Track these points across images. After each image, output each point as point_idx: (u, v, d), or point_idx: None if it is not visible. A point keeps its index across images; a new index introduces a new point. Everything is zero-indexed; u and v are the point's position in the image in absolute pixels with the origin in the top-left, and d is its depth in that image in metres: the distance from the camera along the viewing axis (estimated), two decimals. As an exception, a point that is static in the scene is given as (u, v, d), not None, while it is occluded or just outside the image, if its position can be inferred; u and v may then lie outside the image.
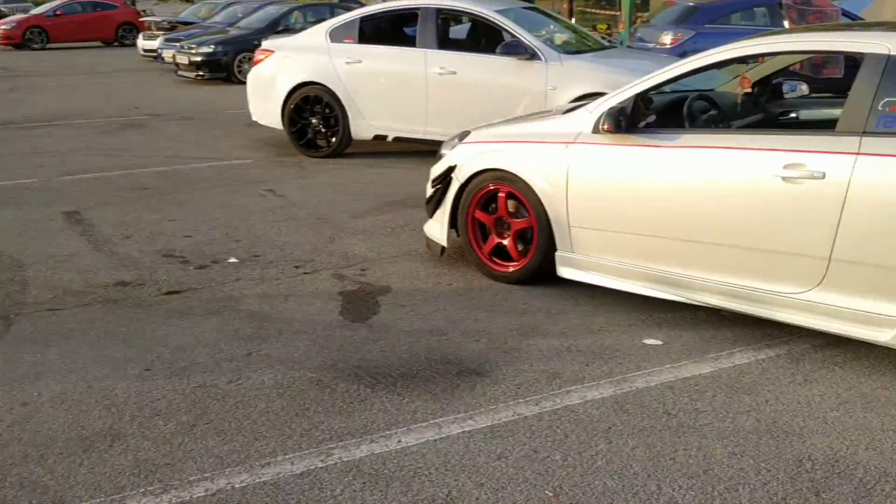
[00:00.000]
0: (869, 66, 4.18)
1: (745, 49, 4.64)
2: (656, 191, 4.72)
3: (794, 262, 4.34)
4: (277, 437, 3.67)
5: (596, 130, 4.91)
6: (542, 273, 5.38)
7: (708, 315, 4.93)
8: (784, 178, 4.27)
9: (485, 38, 9.78)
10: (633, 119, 4.85)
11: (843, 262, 4.18)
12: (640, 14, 18.06)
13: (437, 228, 5.82)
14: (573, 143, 5.04)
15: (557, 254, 5.25)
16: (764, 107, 5.96)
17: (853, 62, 4.51)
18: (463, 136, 5.74)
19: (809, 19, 12.83)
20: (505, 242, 5.52)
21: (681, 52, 12.35)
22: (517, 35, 8.73)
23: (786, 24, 12.63)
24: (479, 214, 5.59)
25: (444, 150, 5.86)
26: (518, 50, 8.60)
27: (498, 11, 8.97)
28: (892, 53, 4.13)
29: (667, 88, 5.19)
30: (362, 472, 3.40)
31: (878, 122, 4.09)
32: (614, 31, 16.60)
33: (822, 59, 12.55)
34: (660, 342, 4.61)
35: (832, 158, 4.15)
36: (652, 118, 5.00)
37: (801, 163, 4.23)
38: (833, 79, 10.79)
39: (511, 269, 5.50)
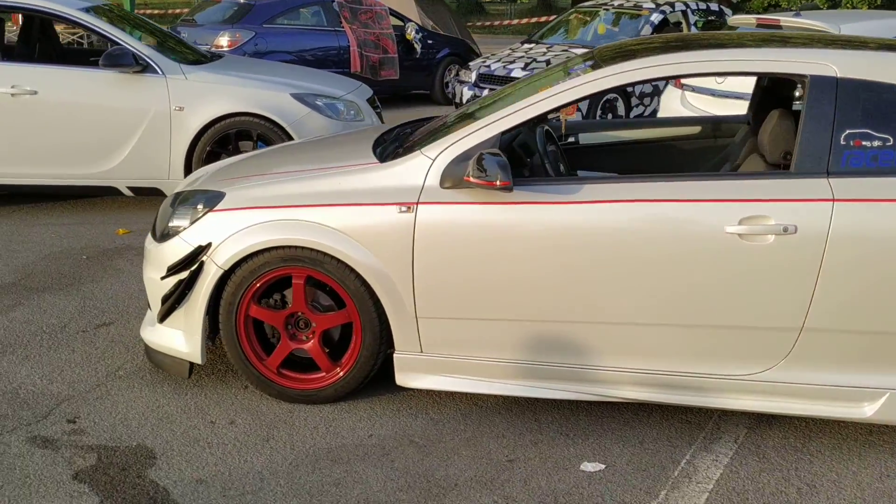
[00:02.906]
0: (817, 91, 3.42)
1: (659, 69, 3.59)
2: (557, 263, 3.50)
3: (752, 338, 3.47)
4: None
5: (455, 184, 3.53)
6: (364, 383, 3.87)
7: (611, 411, 3.87)
8: (741, 236, 3.36)
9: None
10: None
11: (817, 331, 3.41)
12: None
13: (181, 338, 3.90)
14: (418, 203, 3.58)
15: (397, 356, 3.76)
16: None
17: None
18: (210, 198, 3.88)
19: (362, 18, 12.27)
20: (307, 347, 3.85)
21: (241, 53, 10.97)
22: (121, 41, 6.66)
23: (343, 23, 11.90)
24: (257, 311, 3.84)
25: (175, 222, 3.94)
26: (125, 60, 6.56)
27: (85, 10, 6.77)
28: (840, 75, 3.43)
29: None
30: None
31: (843, 160, 3.36)
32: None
33: (378, 61, 12.09)
34: (601, 465, 3.44)
35: (803, 208, 3.34)
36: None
37: (762, 215, 3.35)
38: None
39: (322, 385, 3.86)
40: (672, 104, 8.23)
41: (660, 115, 8.39)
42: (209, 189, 3.94)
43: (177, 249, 3.85)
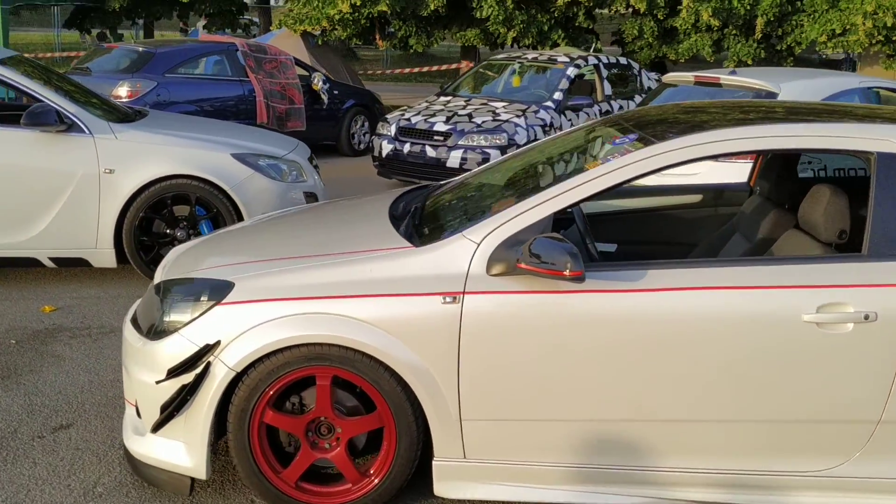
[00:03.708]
0: (885, 169, 3.27)
1: (724, 145, 3.35)
2: (623, 356, 3.20)
3: (825, 432, 3.26)
4: None
5: (506, 271, 3.19)
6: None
7: (660, 508, 3.57)
8: (819, 325, 3.15)
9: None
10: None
11: (894, 423, 3.22)
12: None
13: (181, 451, 3.38)
14: (464, 293, 3.22)
15: (438, 464, 3.36)
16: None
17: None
18: (216, 288, 3.38)
19: (267, 67, 11.81)
20: (331, 456, 3.40)
21: (143, 104, 10.27)
22: (43, 97, 6.02)
23: (248, 73, 11.40)
24: (273, 418, 3.37)
25: (173, 316, 3.42)
26: (48, 119, 5.92)
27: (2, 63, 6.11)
28: (907, 153, 3.29)
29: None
30: None
31: (916, 241, 3.21)
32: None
33: (284, 112, 11.69)
34: (680, 580, 3.13)
35: (882, 294, 3.16)
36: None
37: (840, 302, 3.16)
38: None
39: (349, 499, 3.41)
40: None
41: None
42: (212, 278, 3.46)
43: (177, 349, 3.35)
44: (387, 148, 10.22)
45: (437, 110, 10.34)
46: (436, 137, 9.86)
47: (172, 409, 3.33)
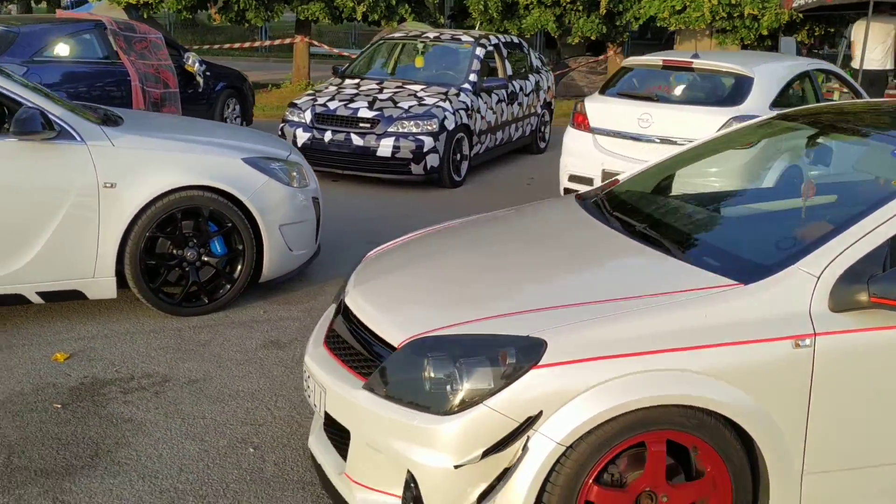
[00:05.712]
0: None
1: None
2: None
3: None
4: None
5: (856, 306, 2.88)
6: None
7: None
8: None
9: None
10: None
11: None
12: None
13: (492, 549, 2.80)
14: (815, 334, 2.87)
15: (770, 525, 3.00)
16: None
17: None
18: (524, 348, 2.79)
19: (137, 48, 10.57)
20: (657, 531, 2.94)
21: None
22: (27, 100, 4.92)
23: (120, 54, 10.14)
24: (599, 495, 2.85)
25: (469, 384, 2.81)
26: (34, 124, 4.85)
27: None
28: None
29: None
30: None
31: None
32: None
33: (160, 96, 10.65)
34: None
35: None
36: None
37: None
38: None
39: (684, 580, 2.97)
40: (583, 148, 7.91)
41: (567, 159, 8.02)
42: (509, 334, 2.87)
43: (485, 424, 2.76)
44: (302, 136, 9.43)
45: (352, 94, 9.66)
46: (361, 125, 9.21)
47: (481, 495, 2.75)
